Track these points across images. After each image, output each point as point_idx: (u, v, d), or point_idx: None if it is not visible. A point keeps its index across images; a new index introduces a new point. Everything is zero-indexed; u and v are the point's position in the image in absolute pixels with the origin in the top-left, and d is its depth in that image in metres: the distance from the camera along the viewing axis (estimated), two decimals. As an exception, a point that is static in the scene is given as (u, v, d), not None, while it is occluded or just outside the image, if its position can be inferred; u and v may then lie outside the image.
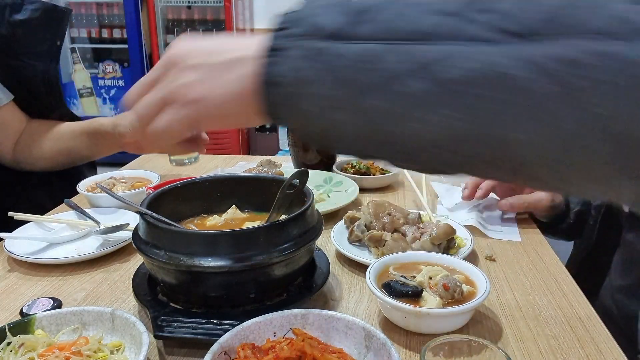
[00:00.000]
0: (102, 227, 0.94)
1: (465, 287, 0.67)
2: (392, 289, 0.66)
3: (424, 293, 0.66)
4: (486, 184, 1.01)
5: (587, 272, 1.00)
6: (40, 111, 1.20)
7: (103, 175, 1.18)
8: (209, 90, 0.41)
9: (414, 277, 0.70)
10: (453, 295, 0.66)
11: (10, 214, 0.95)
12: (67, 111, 1.28)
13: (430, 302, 0.65)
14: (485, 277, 0.68)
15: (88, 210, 1.02)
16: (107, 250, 0.86)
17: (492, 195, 1.11)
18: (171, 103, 0.42)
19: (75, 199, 1.15)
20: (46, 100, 1.21)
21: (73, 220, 0.97)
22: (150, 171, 1.21)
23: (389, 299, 0.64)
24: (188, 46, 0.43)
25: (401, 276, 0.70)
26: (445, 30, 0.33)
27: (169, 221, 0.71)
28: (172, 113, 0.42)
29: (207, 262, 0.62)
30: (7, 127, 1.16)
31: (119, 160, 1.45)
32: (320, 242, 0.84)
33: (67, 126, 1.19)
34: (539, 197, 0.98)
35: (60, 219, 0.97)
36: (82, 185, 1.11)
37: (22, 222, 0.97)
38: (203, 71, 0.41)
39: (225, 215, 0.81)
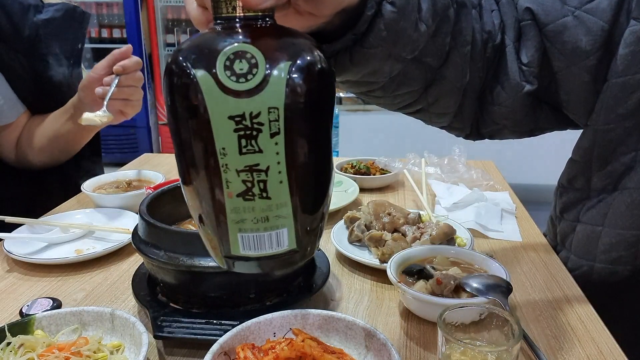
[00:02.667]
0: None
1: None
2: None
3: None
4: None
5: None
6: None
7: (108, 176, 1.18)
8: None
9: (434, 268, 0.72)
10: (442, 290, 0.66)
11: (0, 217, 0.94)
12: None
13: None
14: (507, 273, 0.68)
15: (90, 211, 1.03)
16: (107, 250, 0.86)
17: (491, 195, 1.11)
18: None
19: (77, 199, 1.15)
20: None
21: (65, 222, 0.96)
22: (154, 171, 1.21)
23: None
24: None
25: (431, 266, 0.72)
26: None
27: (166, 226, 0.70)
28: None
29: (207, 262, 0.62)
30: (13, 132, 1.17)
31: (118, 160, 1.44)
32: (320, 242, 0.84)
33: (53, 112, 1.18)
34: None
35: (51, 221, 0.97)
36: (88, 186, 1.11)
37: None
38: None
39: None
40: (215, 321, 0.63)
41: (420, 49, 0.58)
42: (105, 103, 1.04)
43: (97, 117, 1.03)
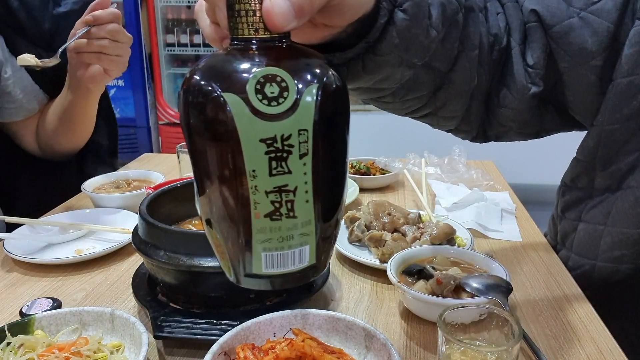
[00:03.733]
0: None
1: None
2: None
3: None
4: None
5: None
6: None
7: (108, 176, 1.18)
8: None
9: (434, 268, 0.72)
10: (442, 290, 0.66)
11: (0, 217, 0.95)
12: (106, 105, 1.27)
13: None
14: (507, 273, 0.68)
15: (90, 211, 1.03)
16: (107, 250, 0.86)
17: (491, 195, 1.11)
18: None
19: (77, 199, 1.15)
20: None
21: (65, 222, 0.96)
22: (154, 171, 1.21)
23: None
24: None
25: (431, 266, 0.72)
26: None
27: (166, 226, 0.70)
28: None
29: (207, 262, 0.62)
30: (34, 122, 1.18)
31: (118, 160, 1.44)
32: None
33: None
34: None
35: (52, 221, 0.97)
36: (88, 186, 1.11)
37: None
38: None
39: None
40: (215, 321, 0.63)
41: (430, 54, 0.59)
42: (60, 49, 0.99)
43: (32, 59, 0.98)
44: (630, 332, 0.70)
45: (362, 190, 1.15)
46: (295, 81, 0.34)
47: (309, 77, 0.35)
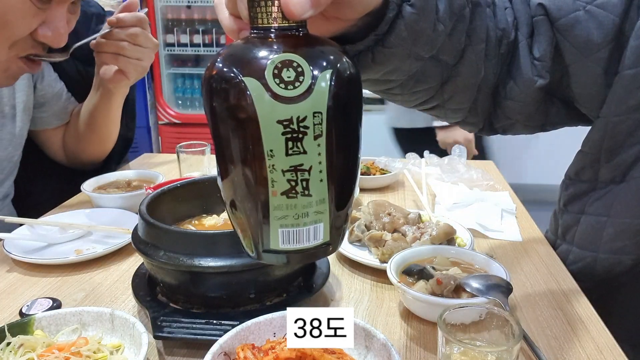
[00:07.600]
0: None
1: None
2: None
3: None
4: None
5: None
6: None
7: (108, 176, 1.18)
8: None
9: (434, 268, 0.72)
10: (442, 290, 0.66)
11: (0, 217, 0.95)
12: (131, 111, 1.30)
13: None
14: (507, 273, 0.68)
15: (90, 211, 1.02)
16: (107, 250, 0.86)
17: (491, 195, 1.11)
18: None
19: (77, 199, 1.15)
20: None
21: (65, 222, 0.96)
22: (154, 171, 1.20)
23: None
24: None
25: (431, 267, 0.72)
26: None
27: (166, 226, 0.70)
28: None
29: (207, 263, 0.62)
30: (61, 131, 1.20)
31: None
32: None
33: None
34: None
35: (51, 221, 0.97)
36: (87, 185, 1.11)
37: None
38: None
39: (224, 215, 0.81)
40: (215, 321, 0.63)
41: (438, 47, 0.60)
42: (74, 46, 1.00)
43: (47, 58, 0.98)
44: (632, 328, 0.70)
45: (362, 190, 1.15)
46: (311, 67, 0.37)
47: (323, 63, 0.38)
